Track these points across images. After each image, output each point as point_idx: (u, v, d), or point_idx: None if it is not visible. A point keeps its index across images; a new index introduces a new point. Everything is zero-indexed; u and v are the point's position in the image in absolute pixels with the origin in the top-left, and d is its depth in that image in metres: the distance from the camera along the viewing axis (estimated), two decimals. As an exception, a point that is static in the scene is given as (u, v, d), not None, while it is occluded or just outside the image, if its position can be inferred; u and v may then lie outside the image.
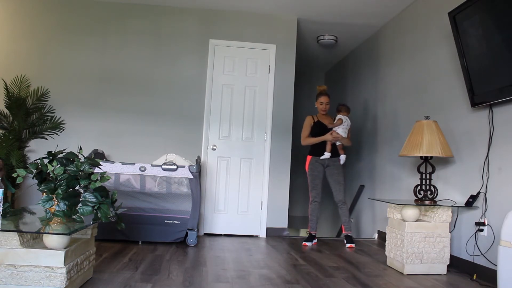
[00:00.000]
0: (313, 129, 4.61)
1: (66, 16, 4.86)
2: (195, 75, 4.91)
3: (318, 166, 4.54)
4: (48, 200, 2.33)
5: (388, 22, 5.09)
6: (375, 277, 3.12)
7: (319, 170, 4.53)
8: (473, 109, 3.38)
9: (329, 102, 4.65)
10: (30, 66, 4.76)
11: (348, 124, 4.58)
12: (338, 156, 4.56)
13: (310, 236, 4.49)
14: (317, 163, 4.54)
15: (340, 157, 4.56)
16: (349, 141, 4.66)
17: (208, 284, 2.73)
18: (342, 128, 4.51)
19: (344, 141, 4.58)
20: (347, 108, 4.67)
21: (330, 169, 4.53)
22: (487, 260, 3.08)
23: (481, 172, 3.26)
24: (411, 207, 3.30)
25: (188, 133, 4.84)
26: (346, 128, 4.56)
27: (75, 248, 2.36)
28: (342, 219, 4.50)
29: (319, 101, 4.64)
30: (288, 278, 2.98)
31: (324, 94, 4.65)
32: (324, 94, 4.65)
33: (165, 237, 4.03)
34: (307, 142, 4.62)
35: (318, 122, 4.62)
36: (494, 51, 3.03)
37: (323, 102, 4.62)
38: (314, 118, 4.66)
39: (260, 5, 4.82)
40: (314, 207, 4.51)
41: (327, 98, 4.64)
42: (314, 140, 4.56)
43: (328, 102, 4.64)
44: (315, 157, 4.55)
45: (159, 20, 4.93)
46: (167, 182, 4.12)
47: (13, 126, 4.56)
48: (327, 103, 4.63)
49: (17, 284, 2.17)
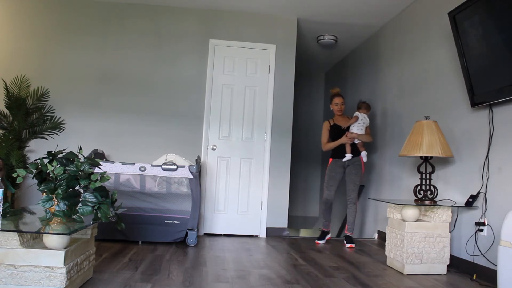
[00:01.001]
0: (330, 133, 4.66)
1: (66, 16, 4.86)
2: (195, 75, 4.91)
3: (338, 167, 4.57)
4: (48, 200, 2.33)
5: (388, 22, 5.09)
6: (375, 277, 3.12)
7: (337, 171, 4.56)
8: (473, 109, 3.37)
9: (343, 103, 4.70)
10: (30, 66, 4.75)
11: (365, 121, 4.56)
12: (359, 155, 4.55)
13: (322, 233, 4.60)
14: (336, 165, 4.58)
15: (362, 154, 4.55)
16: (369, 137, 4.64)
17: (208, 284, 2.73)
18: (357, 126, 4.50)
19: (362, 138, 4.54)
20: (368, 105, 4.66)
21: (350, 168, 4.54)
22: (487, 260, 3.08)
23: (481, 172, 3.26)
24: (411, 207, 3.30)
25: (188, 133, 4.84)
26: (363, 125, 4.53)
27: (75, 248, 2.36)
28: (348, 218, 4.53)
29: (334, 102, 4.69)
30: (288, 278, 2.98)
31: (338, 95, 4.70)
32: (338, 95, 4.70)
33: (165, 237, 4.03)
34: (328, 148, 4.67)
35: (334, 125, 4.67)
36: (494, 51, 3.03)
37: (338, 103, 4.67)
38: (330, 122, 4.72)
39: (260, 5, 4.82)
40: (323, 206, 4.60)
41: (341, 99, 4.69)
42: (333, 145, 4.59)
43: (342, 102, 4.69)
44: (336, 159, 4.59)
45: (159, 20, 4.93)
46: (167, 182, 4.12)
47: (13, 126, 4.56)
48: (342, 103, 4.68)
49: (17, 284, 2.17)
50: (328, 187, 4.57)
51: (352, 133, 4.49)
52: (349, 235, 4.46)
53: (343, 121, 4.68)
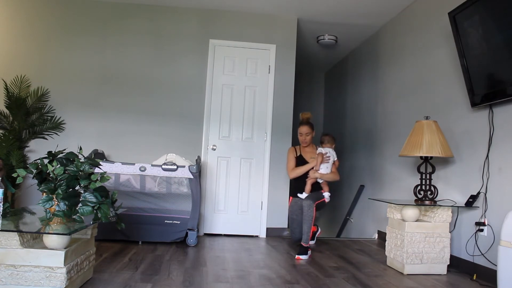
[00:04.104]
0: (296, 164, 4.21)
1: (66, 16, 4.86)
2: (195, 75, 4.91)
3: (298, 208, 4.04)
4: (48, 200, 2.33)
5: (388, 22, 5.09)
6: (375, 277, 3.12)
7: (297, 213, 4.04)
8: (473, 109, 3.37)
9: (310, 133, 4.16)
10: (30, 66, 4.75)
11: (332, 159, 4.12)
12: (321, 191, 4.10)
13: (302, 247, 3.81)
14: (296, 206, 4.07)
15: (324, 196, 4.09)
16: (335, 175, 4.14)
17: (208, 284, 2.73)
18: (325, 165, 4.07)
19: (326, 178, 4.07)
20: (331, 138, 4.20)
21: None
22: (487, 260, 3.08)
23: (481, 172, 3.26)
24: (411, 207, 3.30)
25: (188, 133, 4.84)
26: (331, 163, 4.10)
27: (75, 248, 2.36)
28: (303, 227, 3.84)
29: (299, 132, 4.18)
30: (288, 278, 2.98)
31: (304, 124, 4.13)
32: (304, 124, 4.13)
33: (165, 237, 4.03)
34: (295, 174, 4.16)
35: (300, 157, 4.21)
36: (494, 51, 3.03)
37: (302, 133, 4.15)
38: (296, 151, 4.25)
39: (260, 5, 4.82)
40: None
41: (307, 129, 4.13)
42: (301, 172, 4.12)
43: (308, 132, 4.14)
44: (295, 198, 4.13)
45: (159, 20, 4.93)
46: (167, 182, 4.12)
47: (13, 126, 4.56)
48: (307, 133, 4.13)
49: (17, 284, 2.17)
50: (293, 230, 4.08)
51: (315, 173, 4.05)
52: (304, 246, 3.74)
53: (310, 153, 4.21)
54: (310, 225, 3.79)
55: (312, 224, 3.83)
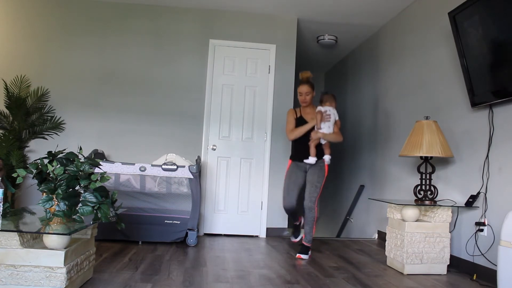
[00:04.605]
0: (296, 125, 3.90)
1: (66, 16, 4.86)
2: (195, 75, 4.91)
3: (299, 171, 3.88)
4: (48, 200, 2.33)
5: (388, 22, 5.09)
6: (375, 277, 3.12)
7: (298, 175, 3.86)
8: (473, 109, 3.37)
9: (310, 93, 3.88)
10: (30, 66, 4.75)
11: (334, 118, 3.83)
12: (322, 157, 3.83)
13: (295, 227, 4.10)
14: (298, 168, 3.89)
15: (324, 158, 3.82)
16: (338, 136, 3.85)
17: (208, 284, 2.73)
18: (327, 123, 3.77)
19: (329, 138, 3.78)
20: (332, 96, 3.87)
21: (312, 170, 3.83)
22: (487, 260, 3.08)
23: (481, 172, 3.26)
24: (411, 207, 3.30)
25: (188, 133, 4.84)
26: (332, 122, 3.80)
27: (75, 248, 2.36)
28: (305, 228, 3.82)
29: (298, 92, 3.90)
30: (288, 278, 2.98)
31: (303, 83, 3.87)
32: (303, 83, 3.87)
33: (165, 237, 4.03)
34: (294, 135, 3.86)
35: (300, 118, 3.91)
36: (494, 51, 3.03)
37: (302, 93, 3.87)
38: (296, 113, 3.95)
39: (260, 5, 4.82)
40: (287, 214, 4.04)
41: (307, 88, 3.86)
42: (299, 133, 3.83)
43: (308, 92, 3.86)
44: (296, 162, 3.90)
45: (159, 20, 4.93)
46: (167, 182, 4.12)
47: (13, 126, 4.56)
48: (307, 93, 3.86)
49: (17, 284, 2.17)
50: (289, 193, 3.84)
51: (317, 133, 3.74)
52: (306, 246, 3.74)
53: (310, 114, 3.90)
54: (312, 225, 3.78)
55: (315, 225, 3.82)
